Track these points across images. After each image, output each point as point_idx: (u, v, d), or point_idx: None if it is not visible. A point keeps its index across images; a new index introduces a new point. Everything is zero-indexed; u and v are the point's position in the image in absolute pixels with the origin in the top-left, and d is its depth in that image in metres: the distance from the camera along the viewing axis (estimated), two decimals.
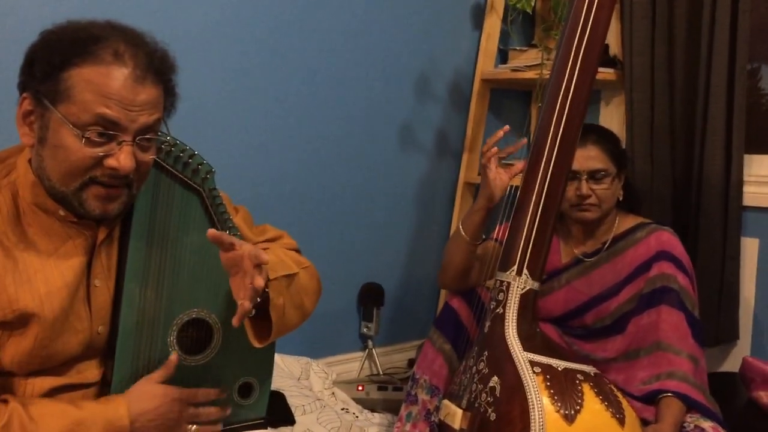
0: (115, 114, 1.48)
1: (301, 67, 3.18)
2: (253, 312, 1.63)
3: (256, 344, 1.73)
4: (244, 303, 1.56)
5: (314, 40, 3.21)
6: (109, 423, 1.56)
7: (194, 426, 1.71)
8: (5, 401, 1.52)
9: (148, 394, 1.64)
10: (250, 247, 1.60)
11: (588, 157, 2.44)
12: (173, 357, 1.70)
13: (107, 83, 1.48)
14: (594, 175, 2.44)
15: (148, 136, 1.56)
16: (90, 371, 1.68)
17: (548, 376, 2.00)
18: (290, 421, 2.06)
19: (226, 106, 2.97)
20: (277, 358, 2.86)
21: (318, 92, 3.25)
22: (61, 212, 1.60)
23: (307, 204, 3.28)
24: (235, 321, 1.57)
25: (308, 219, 3.29)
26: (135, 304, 1.69)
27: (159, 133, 1.62)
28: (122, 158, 1.51)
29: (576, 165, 2.38)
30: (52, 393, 1.62)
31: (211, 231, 1.56)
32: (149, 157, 1.59)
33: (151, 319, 1.71)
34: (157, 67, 1.56)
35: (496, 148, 2.39)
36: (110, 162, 1.51)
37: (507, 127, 2.41)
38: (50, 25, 1.56)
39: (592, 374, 2.06)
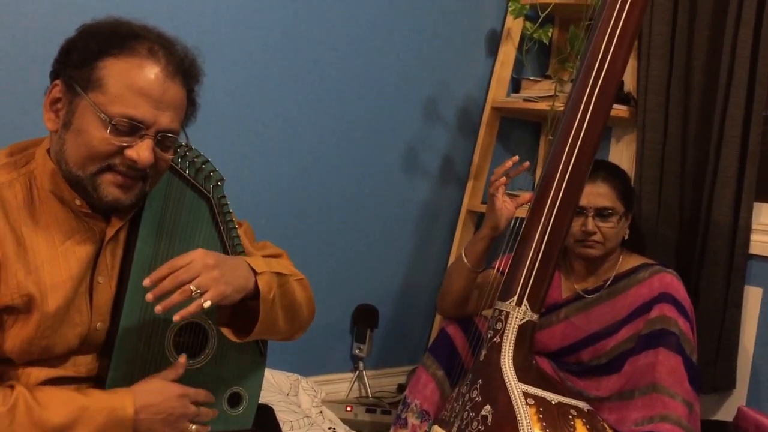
0: (141, 115, 1.54)
1: (309, 85, 3.18)
2: (207, 305, 1.63)
3: (235, 339, 1.77)
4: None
5: (325, 58, 3.21)
6: (112, 411, 1.57)
7: (194, 425, 1.72)
8: (12, 386, 1.55)
9: (155, 388, 1.65)
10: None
11: (597, 194, 2.42)
12: (182, 359, 1.72)
13: (138, 76, 1.55)
14: (601, 213, 2.43)
15: (169, 135, 1.60)
16: (86, 365, 1.70)
17: (541, 409, 1.98)
18: None
19: (228, 122, 2.97)
20: (267, 372, 2.84)
21: (324, 109, 3.25)
22: (77, 201, 1.63)
23: (306, 221, 3.27)
24: (175, 316, 1.59)
25: (307, 236, 3.28)
26: (137, 303, 1.70)
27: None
28: (142, 151, 1.55)
29: (584, 201, 2.37)
30: (47, 384, 1.63)
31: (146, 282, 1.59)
32: (167, 156, 1.64)
33: (151, 319, 1.72)
34: (186, 69, 1.64)
35: (504, 177, 2.38)
36: (130, 153, 1.56)
37: (516, 157, 2.39)
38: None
39: (586, 410, 2.04)
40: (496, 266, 2.55)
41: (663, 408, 2.29)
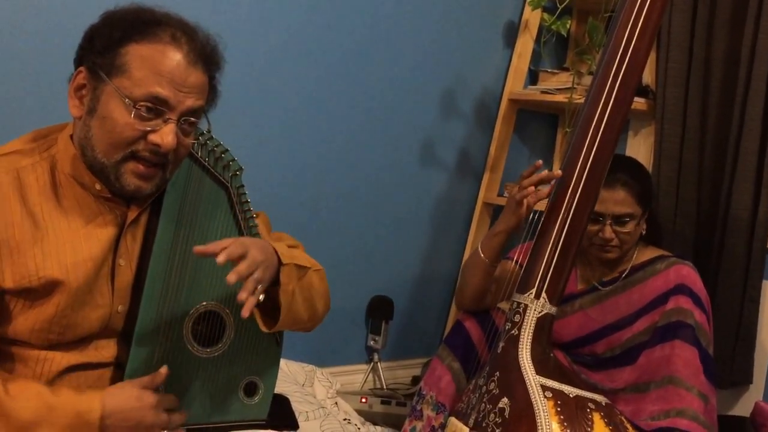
0: (166, 93, 1.57)
1: (326, 77, 3.17)
2: (262, 299, 1.70)
3: (264, 329, 1.78)
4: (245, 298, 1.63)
5: (342, 50, 3.20)
6: (78, 414, 1.57)
7: None
8: None
9: (127, 394, 1.64)
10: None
11: (615, 201, 2.37)
12: (163, 370, 1.69)
13: (162, 62, 1.58)
14: (619, 220, 2.39)
15: (191, 119, 1.63)
16: (107, 350, 1.71)
17: (559, 402, 1.98)
18: (294, 425, 2.05)
19: (244, 111, 2.97)
20: (282, 363, 2.83)
21: (340, 101, 3.24)
22: (97, 186, 1.66)
23: (322, 212, 3.27)
24: (244, 312, 1.62)
25: (323, 227, 3.27)
26: (157, 290, 1.71)
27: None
28: (165, 135, 1.58)
29: (601, 207, 2.33)
30: (69, 370, 1.65)
31: (198, 248, 1.62)
32: (188, 141, 1.67)
33: (170, 308, 1.73)
34: (208, 55, 1.67)
35: (533, 187, 2.30)
36: (153, 137, 1.58)
37: (540, 162, 2.35)
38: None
39: (604, 404, 2.04)
40: (514, 257, 2.53)
41: (679, 402, 2.28)
